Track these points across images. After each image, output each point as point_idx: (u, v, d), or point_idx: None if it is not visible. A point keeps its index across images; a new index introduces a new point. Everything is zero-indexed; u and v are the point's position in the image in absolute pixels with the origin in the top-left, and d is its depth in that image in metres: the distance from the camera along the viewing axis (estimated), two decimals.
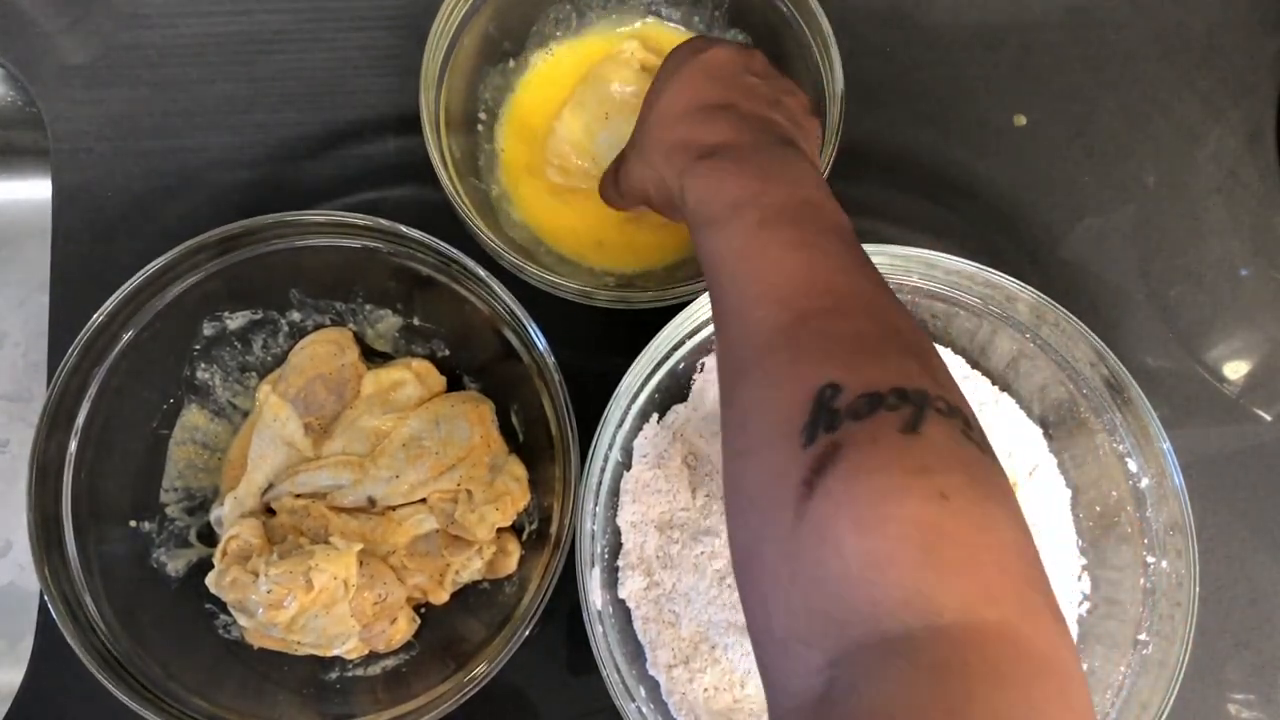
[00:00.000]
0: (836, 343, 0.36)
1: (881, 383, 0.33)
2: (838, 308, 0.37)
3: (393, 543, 0.56)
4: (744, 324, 0.38)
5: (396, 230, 0.54)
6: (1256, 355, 0.65)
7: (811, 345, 0.36)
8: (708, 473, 0.57)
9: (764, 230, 0.40)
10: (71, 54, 0.66)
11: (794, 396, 0.34)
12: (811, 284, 0.38)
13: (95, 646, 0.51)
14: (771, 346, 0.37)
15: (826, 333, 0.36)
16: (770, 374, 0.36)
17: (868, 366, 0.34)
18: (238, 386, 0.60)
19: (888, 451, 0.32)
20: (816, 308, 0.37)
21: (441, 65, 0.57)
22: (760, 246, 0.39)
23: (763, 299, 0.38)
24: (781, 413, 0.34)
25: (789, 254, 0.39)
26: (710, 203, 0.42)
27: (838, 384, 0.34)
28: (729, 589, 0.55)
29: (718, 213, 0.41)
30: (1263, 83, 0.68)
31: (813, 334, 0.36)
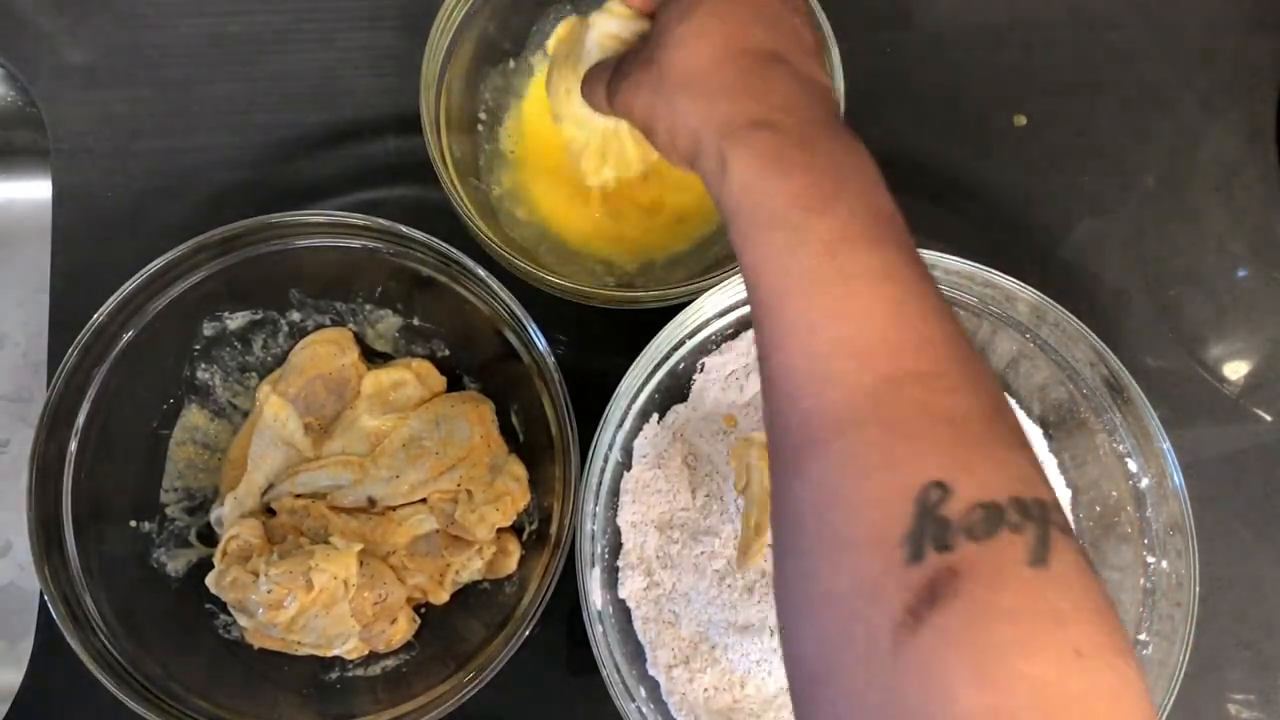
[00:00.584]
0: (939, 424, 0.30)
1: (998, 488, 0.29)
2: (936, 371, 0.31)
3: (393, 543, 0.56)
4: (815, 377, 0.32)
5: (396, 230, 0.54)
6: (1256, 355, 0.65)
7: (909, 424, 0.30)
8: (708, 473, 0.57)
9: (842, 252, 0.33)
10: (71, 54, 0.66)
11: (890, 491, 0.29)
12: (902, 334, 0.32)
13: (95, 646, 0.51)
14: (856, 418, 0.31)
15: (926, 408, 0.30)
16: (856, 455, 0.30)
17: (979, 462, 0.30)
18: (238, 386, 0.60)
19: (1016, 592, 0.27)
20: (912, 370, 0.31)
21: (441, 65, 0.57)
22: (838, 274, 0.32)
23: (841, 348, 0.32)
24: (874, 510, 0.29)
25: (874, 289, 0.32)
26: (767, 195, 0.34)
27: (946, 484, 0.29)
28: (729, 589, 0.55)
29: (778, 212, 0.34)
30: (1263, 83, 0.68)
31: (910, 408, 0.30)
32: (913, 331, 0.32)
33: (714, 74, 0.38)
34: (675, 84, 0.39)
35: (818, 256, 0.33)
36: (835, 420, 0.31)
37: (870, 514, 0.29)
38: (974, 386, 0.31)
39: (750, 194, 0.35)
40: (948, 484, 0.29)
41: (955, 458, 0.29)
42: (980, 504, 0.28)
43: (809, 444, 0.31)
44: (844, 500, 0.30)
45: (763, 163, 0.35)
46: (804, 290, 0.33)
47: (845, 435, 0.31)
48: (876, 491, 0.30)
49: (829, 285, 0.32)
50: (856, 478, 0.30)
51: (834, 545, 0.30)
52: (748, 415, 0.57)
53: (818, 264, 0.32)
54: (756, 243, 0.34)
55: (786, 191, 0.34)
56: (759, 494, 0.52)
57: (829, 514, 0.30)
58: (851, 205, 0.34)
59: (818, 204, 0.33)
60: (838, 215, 0.33)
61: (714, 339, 0.57)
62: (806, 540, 0.31)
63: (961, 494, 0.28)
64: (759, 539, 0.52)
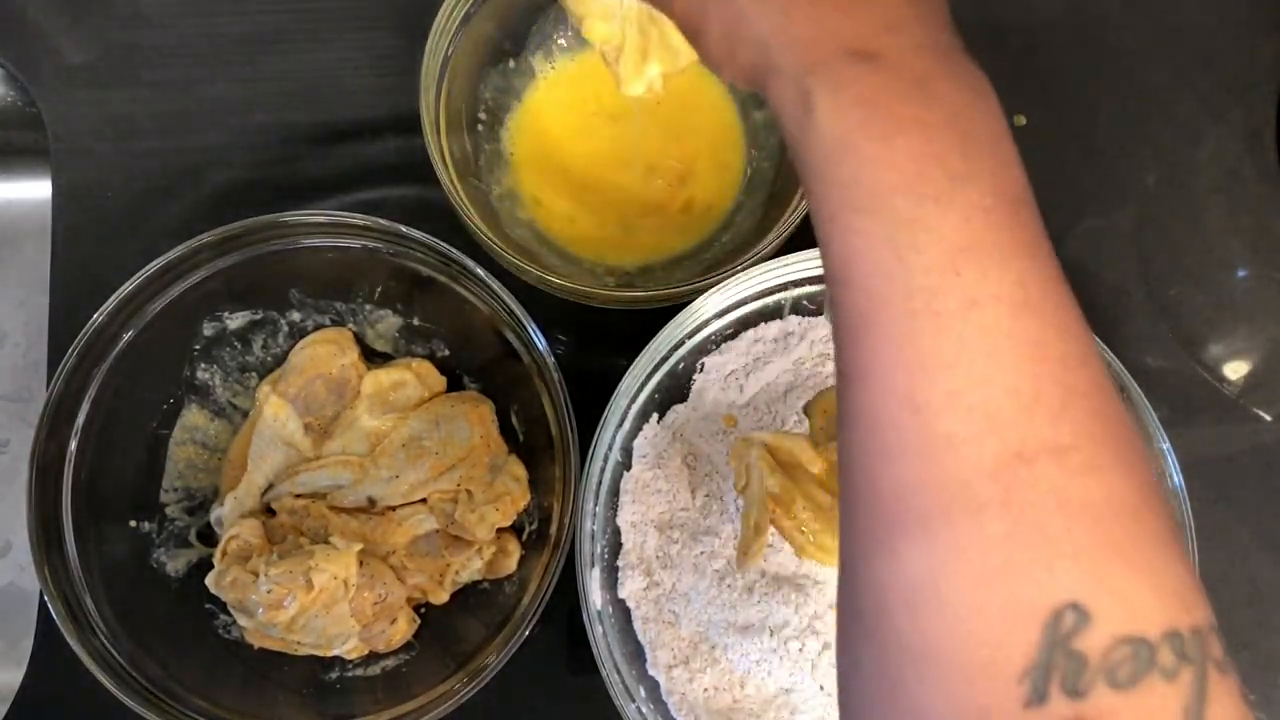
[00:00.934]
0: (1080, 519, 0.24)
1: (1150, 616, 0.23)
2: (1077, 444, 0.24)
3: (393, 543, 0.56)
4: (918, 437, 0.25)
5: (396, 230, 0.54)
6: (1256, 355, 0.65)
7: (1042, 518, 0.24)
8: (707, 473, 0.57)
9: (969, 265, 0.25)
10: (71, 54, 0.66)
11: (1011, 608, 0.23)
12: (1039, 389, 0.24)
13: (95, 646, 0.51)
14: (972, 502, 0.24)
15: (1064, 497, 0.24)
16: (968, 553, 0.24)
17: (1128, 578, 0.24)
18: (238, 386, 0.60)
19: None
20: (1049, 442, 0.24)
21: (441, 65, 0.57)
22: (961, 298, 0.25)
23: (957, 403, 0.24)
24: (987, 628, 0.24)
25: (1008, 322, 0.25)
26: (869, 166, 0.26)
27: (1083, 608, 0.23)
28: (728, 589, 0.55)
29: (882, 195, 0.25)
30: (1263, 83, 0.68)
31: (1043, 494, 0.24)
32: (1053, 384, 0.25)
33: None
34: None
35: (935, 270, 0.25)
36: (944, 500, 0.25)
37: (981, 631, 0.24)
38: (1123, 463, 0.25)
39: (845, 158, 0.26)
40: (1086, 608, 0.23)
41: (1097, 570, 0.24)
42: (1127, 639, 0.23)
43: (906, 523, 0.25)
44: (947, 606, 0.24)
45: (864, 114, 0.26)
46: (911, 313, 0.25)
47: (955, 523, 0.24)
48: (993, 605, 0.24)
49: (946, 313, 0.25)
50: (967, 582, 0.24)
51: (928, 657, 0.24)
52: (748, 415, 0.57)
53: (933, 280, 0.25)
54: (849, 230, 0.26)
55: (896, 165, 0.25)
56: (759, 494, 0.52)
57: (925, 618, 0.24)
58: (982, 190, 0.25)
59: (939, 188, 0.25)
60: (964, 207, 0.25)
61: (714, 339, 0.57)
62: (892, 637, 0.25)
63: (1103, 622, 0.23)
64: (759, 539, 0.52)
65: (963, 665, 0.24)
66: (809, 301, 0.57)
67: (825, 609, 0.55)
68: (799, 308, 0.57)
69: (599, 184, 0.62)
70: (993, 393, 0.24)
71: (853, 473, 0.27)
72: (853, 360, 0.26)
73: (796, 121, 0.27)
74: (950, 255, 0.25)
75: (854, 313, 0.26)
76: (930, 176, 0.25)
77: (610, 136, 0.63)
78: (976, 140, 0.26)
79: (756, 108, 0.63)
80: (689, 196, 0.62)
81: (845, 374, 0.27)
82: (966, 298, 0.25)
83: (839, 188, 0.26)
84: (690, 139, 0.63)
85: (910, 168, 0.25)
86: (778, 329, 0.57)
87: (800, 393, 0.57)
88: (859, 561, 0.27)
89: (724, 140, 0.63)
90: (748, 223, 0.61)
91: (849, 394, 0.27)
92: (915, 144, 0.26)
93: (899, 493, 0.25)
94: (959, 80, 0.27)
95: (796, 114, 0.27)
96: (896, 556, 0.25)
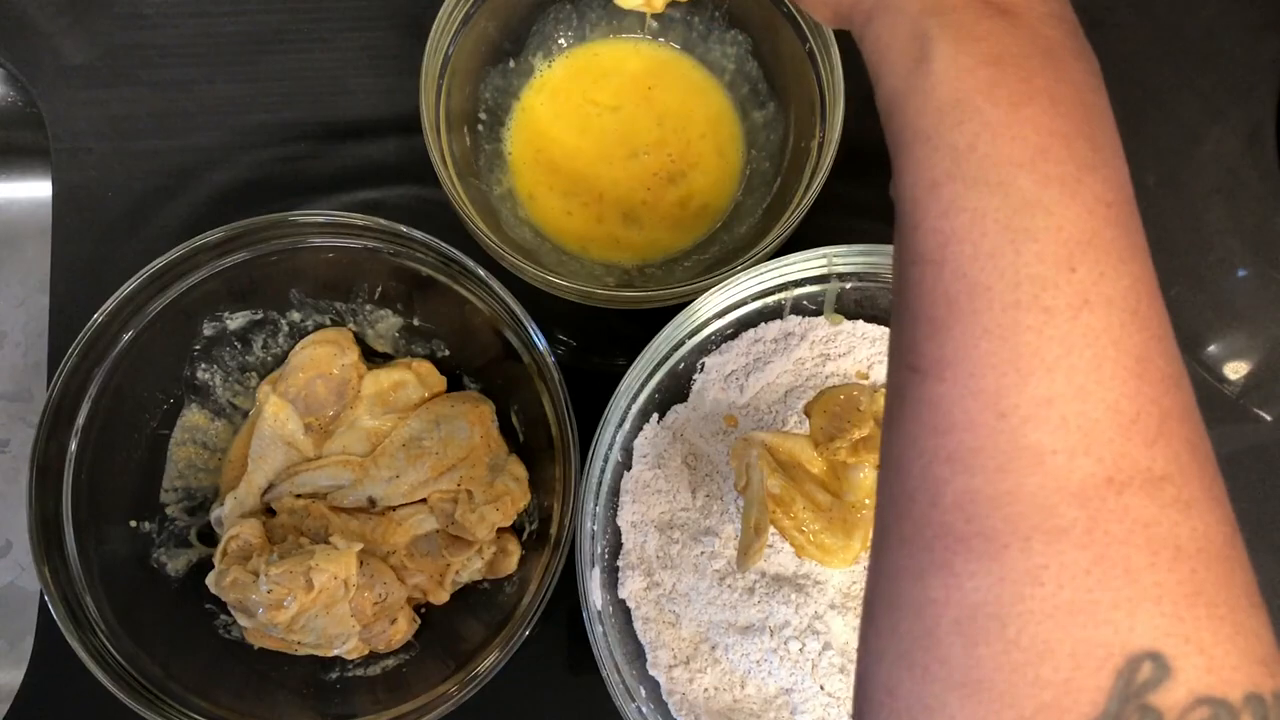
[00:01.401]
0: (1167, 559, 0.22)
1: (1232, 676, 0.21)
2: (1170, 473, 0.22)
3: (393, 543, 0.57)
4: (1000, 444, 0.22)
5: (396, 230, 0.54)
6: (1256, 355, 0.65)
7: (1128, 553, 0.22)
8: (708, 473, 0.57)
9: (1085, 263, 0.22)
10: (71, 54, 0.66)
11: (1083, 648, 0.21)
12: (1139, 408, 0.22)
13: (95, 646, 0.51)
14: (1052, 524, 0.22)
15: (1153, 532, 0.22)
16: (1042, 581, 0.22)
17: (1212, 630, 0.21)
18: (238, 386, 0.60)
19: None
20: (1143, 468, 0.22)
21: (441, 65, 0.57)
22: (1074, 297, 0.22)
23: (1051, 412, 0.22)
24: (1054, 668, 0.21)
25: (1117, 332, 0.22)
26: (993, 133, 0.23)
27: (1164, 659, 0.21)
28: (729, 589, 0.55)
29: (1006, 169, 0.23)
30: (1263, 83, 0.68)
31: (1131, 527, 0.22)
32: (1152, 406, 0.22)
33: None
34: None
35: (1050, 260, 0.22)
36: (1019, 517, 0.22)
37: (1047, 671, 0.21)
38: (1214, 501, 0.23)
39: (964, 120, 0.23)
40: (1167, 659, 0.21)
41: (1183, 620, 0.21)
42: (1208, 699, 0.21)
43: (970, 540, 0.23)
44: (1010, 637, 0.22)
45: (993, 75, 0.23)
46: (1016, 304, 0.22)
47: (1031, 545, 0.22)
48: (1064, 643, 0.21)
49: (1055, 310, 0.22)
50: (1038, 614, 0.22)
51: (980, 690, 0.22)
52: (748, 415, 0.58)
53: (1047, 272, 0.22)
54: (954, 203, 0.23)
55: (1023, 138, 0.23)
56: (759, 494, 0.52)
57: (981, 648, 0.22)
58: (1107, 182, 0.23)
59: (1065, 171, 0.23)
60: (1088, 198, 0.23)
61: (714, 339, 0.57)
62: (937, 664, 0.23)
63: (1184, 678, 0.21)
64: (759, 539, 0.52)
65: (1021, 705, 0.21)
66: (809, 301, 0.57)
67: (825, 609, 0.55)
68: (799, 308, 0.57)
69: (599, 184, 0.62)
70: (1091, 407, 0.22)
71: (905, 477, 0.24)
72: (930, 352, 0.24)
73: (903, 68, 0.25)
74: (1069, 248, 0.22)
75: (942, 299, 0.23)
76: (1058, 156, 0.23)
77: (610, 136, 0.63)
78: (1102, 127, 0.24)
79: (756, 108, 0.63)
80: (688, 196, 0.62)
81: (917, 366, 0.24)
82: (1079, 297, 0.22)
83: (950, 153, 0.23)
84: (690, 139, 0.63)
85: (1037, 143, 0.23)
86: (778, 329, 0.57)
87: (800, 393, 0.57)
88: (903, 577, 0.24)
89: (723, 140, 0.63)
90: (748, 223, 0.61)
91: (918, 389, 0.24)
92: (1045, 119, 0.23)
93: (966, 505, 0.23)
94: (1086, 61, 0.25)
95: (905, 60, 0.25)
96: (954, 575, 0.23)
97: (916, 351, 0.24)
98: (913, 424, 0.24)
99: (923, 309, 0.24)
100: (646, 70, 0.64)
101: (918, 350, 0.24)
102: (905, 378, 0.24)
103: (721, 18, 0.63)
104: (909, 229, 0.24)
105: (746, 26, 0.62)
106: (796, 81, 0.59)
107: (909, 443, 0.24)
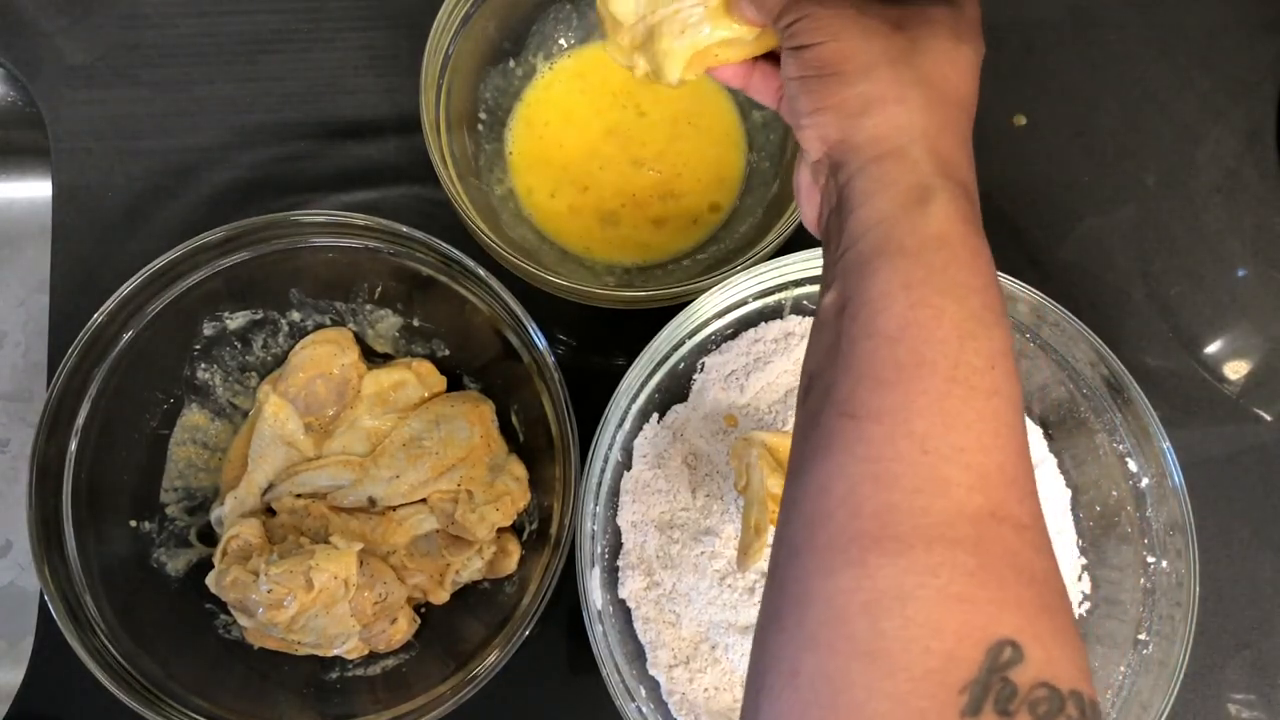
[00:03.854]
0: (1025, 581, 0.29)
1: (1066, 674, 0.28)
2: (1030, 525, 0.30)
3: (393, 543, 0.56)
4: (919, 473, 0.29)
5: (396, 230, 0.54)
6: (1256, 355, 0.65)
7: (1001, 569, 0.28)
8: (707, 473, 0.57)
9: (1002, 363, 0.31)
10: (71, 54, 0.66)
11: (963, 629, 0.27)
12: (1016, 473, 0.30)
13: (95, 646, 0.51)
14: (951, 536, 0.28)
15: (1017, 560, 0.29)
16: (939, 576, 0.28)
17: (1052, 638, 0.28)
18: (238, 386, 0.60)
19: None
20: (1015, 515, 0.29)
21: (441, 65, 0.57)
22: (993, 388, 0.30)
23: (960, 458, 0.29)
24: (940, 642, 0.27)
25: (1013, 418, 0.31)
26: (959, 263, 0.32)
27: (1020, 647, 0.27)
28: (729, 589, 0.55)
29: (966, 288, 0.31)
30: (1263, 83, 0.68)
31: (1005, 552, 0.29)
32: (1025, 476, 0.30)
33: (971, 101, 0.36)
34: (958, 63, 0.36)
35: (982, 357, 0.30)
36: (928, 529, 0.28)
37: (936, 643, 0.27)
38: (1051, 553, 0.30)
39: (942, 249, 0.32)
40: (1022, 648, 0.27)
41: (1032, 623, 0.28)
42: (1047, 684, 0.27)
43: (883, 541, 0.29)
44: (909, 617, 0.27)
45: (966, 229, 0.33)
46: (951, 379, 0.30)
47: (933, 550, 0.28)
48: (950, 624, 0.27)
49: (977, 391, 0.30)
50: (932, 600, 0.28)
51: (879, 659, 0.27)
52: (748, 415, 0.57)
53: (978, 364, 0.30)
54: (923, 302, 0.31)
55: (979, 271, 0.32)
56: (759, 494, 0.52)
57: (884, 622, 0.28)
58: (990, 289, 0.32)
59: (998, 303, 0.32)
60: (1006, 324, 0.32)
61: (714, 339, 0.57)
62: (843, 641, 0.28)
63: (1032, 664, 0.27)
64: (759, 539, 0.52)
65: (912, 669, 0.27)
66: (809, 301, 0.57)
67: None
68: (799, 308, 0.57)
69: (599, 184, 0.62)
70: (989, 461, 0.30)
71: (827, 497, 0.30)
72: (871, 402, 0.30)
73: (903, 203, 0.33)
74: (995, 353, 0.31)
75: (893, 365, 0.31)
76: (994, 292, 0.32)
77: (610, 136, 0.63)
78: (988, 268, 0.33)
79: (756, 108, 0.63)
80: (688, 196, 0.62)
81: (855, 414, 0.31)
82: (994, 386, 0.30)
83: (927, 267, 0.32)
84: (690, 139, 0.63)
85: (985, 279, 0.32)
86: (778, 329, 0.58)
87: None
88: (814, 576, 0.29)
89: (724, 140, 0.63)
90: (748, 223, 0.61)
91: (854, 430, 0.30)
92: (988, 267, 0.33)
93: (883, 515, 0.29)
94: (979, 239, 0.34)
95: (908, 198, 0.33)
96: (865, 568, 0.28)
97: (856, 401, 0.31)
98: (842, 455, 0.30)
99: (870, 370, 0.31)
100: None
101: (857, 400, 0.31)
102: (838, 422, 0.31)
103: None
104: (869, 313, 0.32)
105: None
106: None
107: (835, 469, 0.30)
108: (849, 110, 0.34)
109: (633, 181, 0.62)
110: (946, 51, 0.36)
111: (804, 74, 0.35)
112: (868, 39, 0.35)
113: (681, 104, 0.63)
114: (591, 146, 0.63)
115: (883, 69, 0.34)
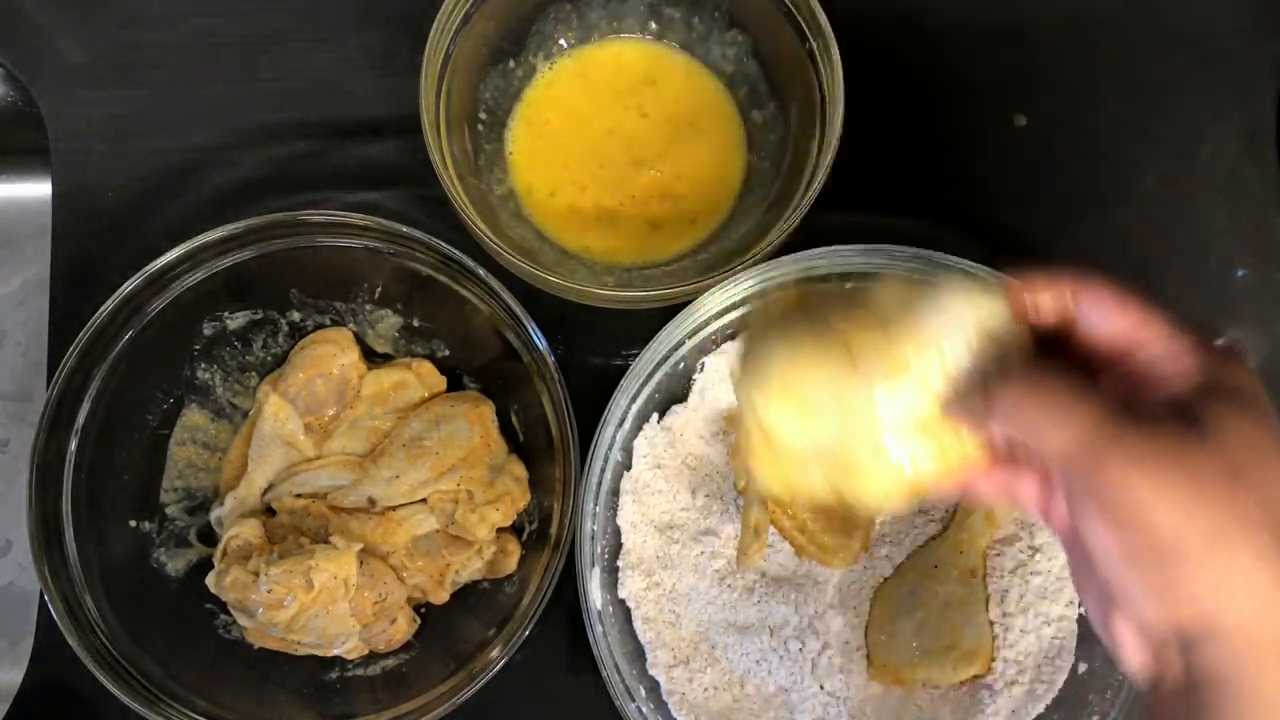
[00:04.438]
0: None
1: None
2: None
3: (393, 543, 0.57)
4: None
5: (396, 230, 0.54)
6: (1256, 355, 0.65)
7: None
8: (708, 473, 0.57)
9: None
10: (71, 54, 0.66)
11: None
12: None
13: (95, 646, 0.51)
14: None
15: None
16: None
17: None
18: (238, 386, 0.60)
19: None
20: None
21: (441, 65, 0.57)
22: None
23: None
24: None
25: None
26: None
27: None
28: (729, 589, 0.55)
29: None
30: (1263, 83, 0.68)
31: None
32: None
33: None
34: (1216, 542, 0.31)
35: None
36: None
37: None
38: None
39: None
40: None
41: None
42: None
43: None
44: None
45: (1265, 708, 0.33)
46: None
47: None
48: None
49: None
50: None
51: None
52: None
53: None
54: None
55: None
56: (759, 494, 0.52)
57: None
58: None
59: None
60: None
61: (714, 339, 0.57)
62: None
63: None
64: (758, 539, 0.52)
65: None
66: None
67: (825, 609, 0.55)
68: None
69: (599, 184, 0.62)
70: None
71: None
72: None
73: (1193, 678, 0.32)
74: None
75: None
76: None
77: (610, 136, 0.63)
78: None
79: (756, 108, 0.63)
80: (688, 196, 0.62)
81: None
82: None
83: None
84: (691, 139, 0.63)
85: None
86: None
87: None
88: None
89: (724, 141, 0.63)
90: (748, 223, 0.61)
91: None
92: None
93: None
94: None
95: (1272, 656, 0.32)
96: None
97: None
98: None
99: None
100: (646, 70, 0.64)
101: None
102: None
103: (721, 18, 0.63)
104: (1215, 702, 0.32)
105: (746, 26, 0.62)
106: (796, 81, 0.59)
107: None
108: (1162, 589, 0.33)
109: (633, 182, 0.62)
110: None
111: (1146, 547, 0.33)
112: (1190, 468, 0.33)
113: (682, 105, 0.63)
114: (592, 146, 0.63)
115: (1202, 486, 0.33)
